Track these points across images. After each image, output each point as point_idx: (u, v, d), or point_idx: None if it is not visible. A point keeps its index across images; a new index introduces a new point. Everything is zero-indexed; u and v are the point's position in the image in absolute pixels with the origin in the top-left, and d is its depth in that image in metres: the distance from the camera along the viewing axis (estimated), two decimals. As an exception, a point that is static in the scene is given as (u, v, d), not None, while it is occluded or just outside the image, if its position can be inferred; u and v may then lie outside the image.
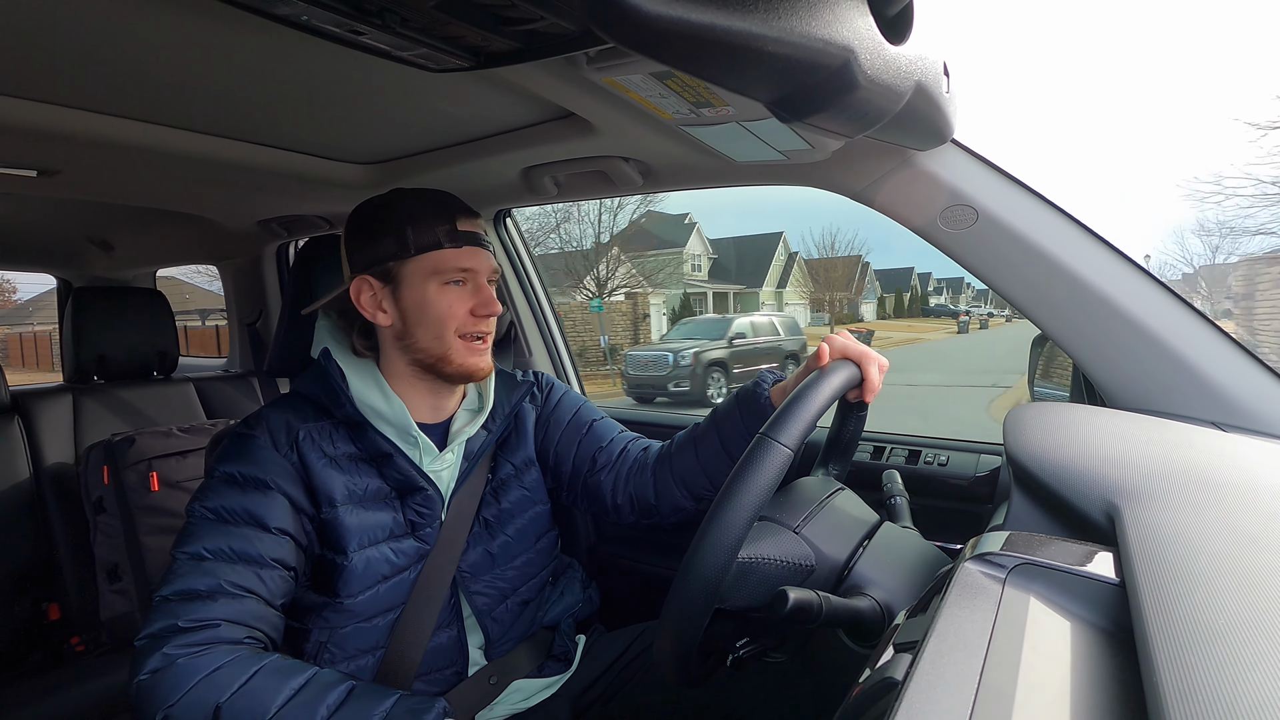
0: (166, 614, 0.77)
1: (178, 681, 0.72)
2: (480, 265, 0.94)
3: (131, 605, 1.61)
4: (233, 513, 0.84)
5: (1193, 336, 0.83)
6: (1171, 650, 0.36)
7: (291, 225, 1.82)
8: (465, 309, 0.93)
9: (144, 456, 1.66)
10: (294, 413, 0.92)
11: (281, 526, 0.85)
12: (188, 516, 0.85)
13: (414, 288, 0.92)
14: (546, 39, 0.70)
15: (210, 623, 0.77)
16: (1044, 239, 0.88)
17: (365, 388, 0.94)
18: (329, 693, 0.73)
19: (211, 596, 0.78)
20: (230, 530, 0.83)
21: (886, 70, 0.53)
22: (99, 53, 0.79)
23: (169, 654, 0.74)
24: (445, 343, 0.92)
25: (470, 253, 0.93)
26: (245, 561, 0.81)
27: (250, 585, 0.81)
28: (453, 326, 0.92)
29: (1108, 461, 0.64)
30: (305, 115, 1.05)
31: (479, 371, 0.96)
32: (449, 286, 0.92)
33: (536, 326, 1.76)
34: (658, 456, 1.06)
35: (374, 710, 0.72)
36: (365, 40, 0.69)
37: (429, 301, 0.91)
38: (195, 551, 0.81)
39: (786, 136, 0.90)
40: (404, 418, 0.94)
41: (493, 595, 1.00)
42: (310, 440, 0.91)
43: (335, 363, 0.94)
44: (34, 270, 2.73)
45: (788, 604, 0.59)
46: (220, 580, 0.79)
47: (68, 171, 1.22)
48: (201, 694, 0.71)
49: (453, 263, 0.91)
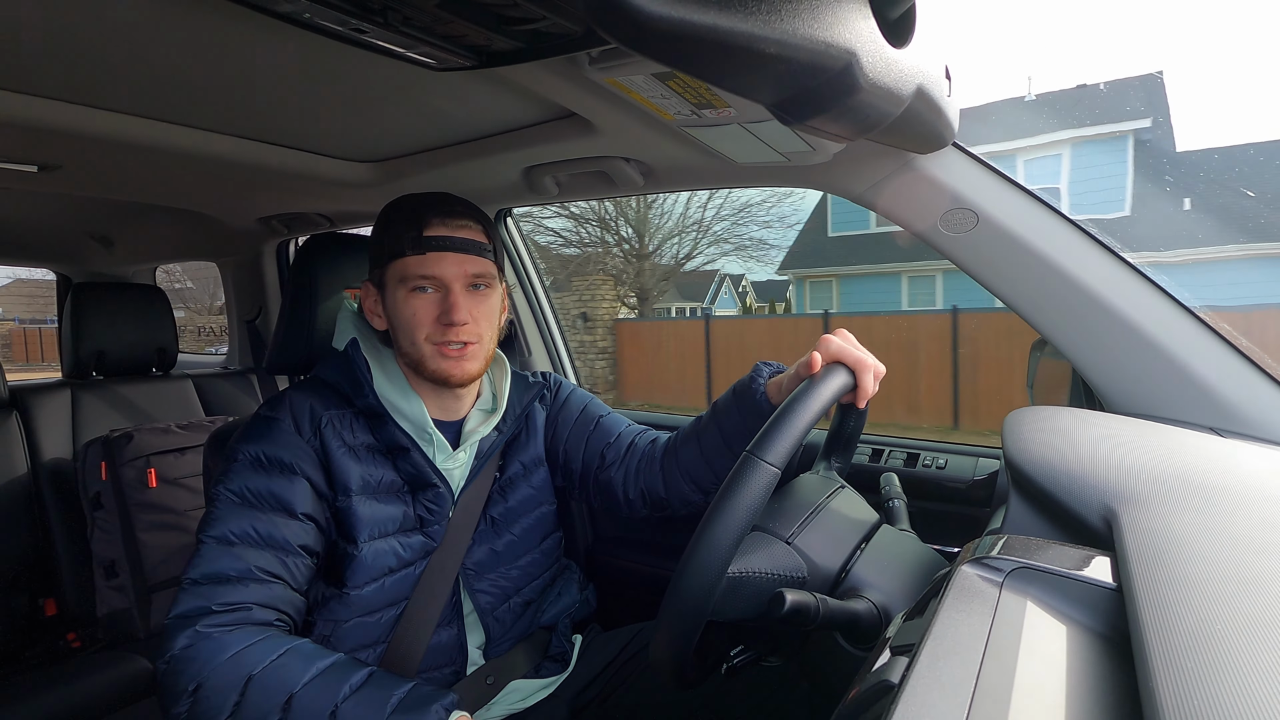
0: (197, 596, 0.78)
1: (213, 654, 0.73)
2: (448, 271, 0.91)
3: (128, 601, 1.61)
4: (258, 495, 0.84)
5: (1192, 342, 0.83)
6: (1168, 655, 0.36)
7: (292, 223, 1.82)
8: (430, 317, 0.92)
9: (142, 453, 1.66)
10: (317, 398, 0.93)
11: (306, 512, 0.86)
12: (213, 500, 0.85)
13: (390, 294, 0.93)
14: (548, 39, 0.70)
15: (242, 605, 0.78)
16: (1044, 243, 0.89)
17: (386, 382, 0.95)
18: (351, 674, 0.75)
19: (242, 581, 0.79)
20: (255, 514, 0.83)
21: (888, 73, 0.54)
22: (101, 48, 0.79)
23: (201, 630, 0.75)
24: (418, 348, 0.92)
25: (436, 259, 0.91)
26: (272, 547, 0.82)
27: (277, 571, 0.82)
28: (421, 334, 0.92)
29: (1106, 466, 0.64)
30: (307, 113, 1.05)
31: (451, 378, 0.94)
32: (415, 294, 0.91)
33: (536, 326, 1.77)
34: (664, 450, 1.06)
35: (394, 692, 0.74)
36: (368, 38, 0.69)
37: (399, 307, 0.92)
38: (222, 534, 0.81)
39: (788, 138, 0.90)
40: (422, 414, 0.95)
41: (495, 594, 1.00)
42: (332, 427, 0.91)
43: (362, 353, 0.95)
44: (34, 265, 2.73)
45: (784, 606, 0.59)
46: (250, 565, 0.80)
47: (68, 167, 1.22)
48: (235, 666, 0.73)
49: (415, 270, 0.91)
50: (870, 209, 1.03)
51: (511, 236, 1.71)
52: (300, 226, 1.85)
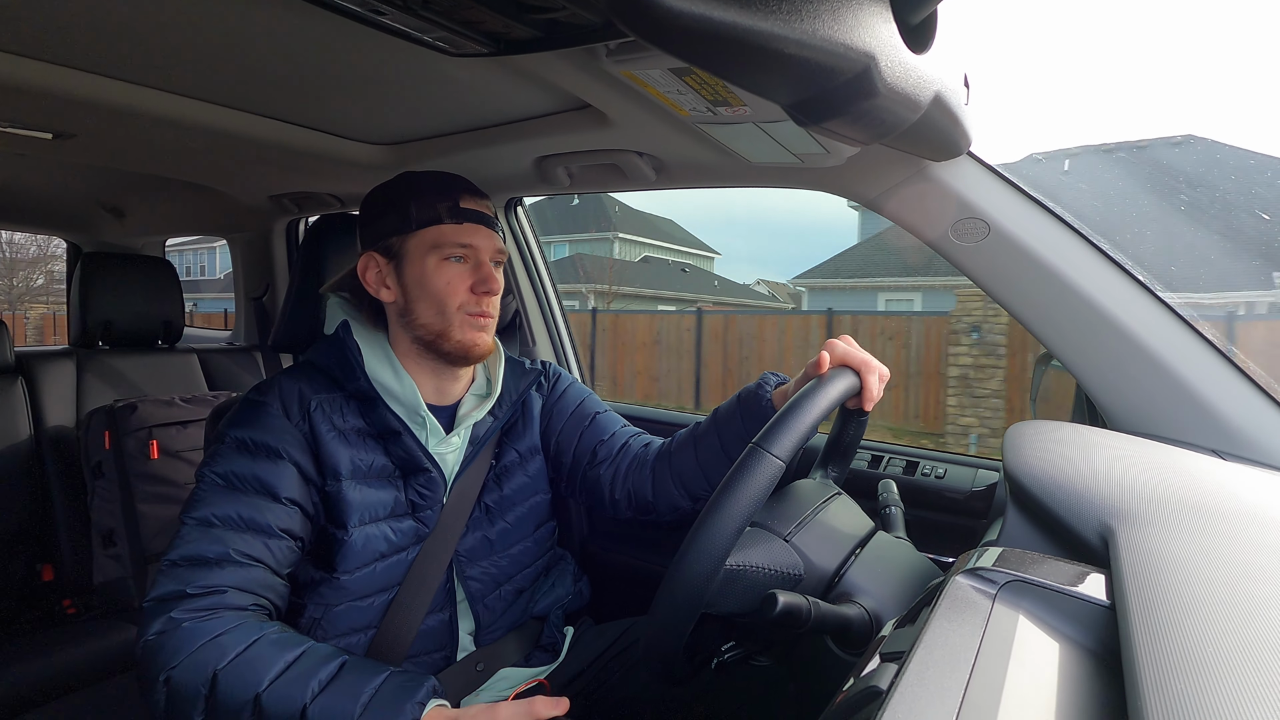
0: (174, 579, 0.77)
1: (181, 644, 0.73)
2: (482, 243, 0.94)
3: (124, 571, 1.62)
4: (243, 479, 0.84)
5: (1199, 363, 0.83)
6: (1158, 676, 0.36)
7: (303, 201, 1.82)
8: (465, 285, 0.93)
9: (145, 424, 1.67)
10: (307, 382, 0.93)
11: (291, 496, 0.86)
12: (197, 481, 0.85)
13: (415, 263, 0.92)
14: (567, 29, 0.70)
15: (217, 589, 0.77)
16: (1055, 257, 0.88)
17: (378, 364, 0.95)
18: (321, 668, 0.73)
19: (219, 564, 0.79)
20: (240, 497, 0.83)
21: (907, 79, 0.53)
22: (119, 19, 0.79)
23: (175, 617, 0.74)
24: (446, 318, 0.92)
25: (471, 229, 0.93)
26: (254, 530, 0.82)
27: (258, 554, 0.81)
28: (454, 303, 0.92)
29: (1105, 483, 0.64)
30: (322, 93, 1.05)
31: (476, 348, 0.95)
32: (449, 263, 0.92)
33: (541, 316, 1.77)
34: (657, 454, 1.06)
35: (364, 687, 0.72)
36: (386, 20, 0.69)
37: (429, 276, 0.92)
38: (204, 517, 0.81)
39: (802, 140, 0.89)
40: (414, 397, 0.94)
41: (486, 581, 1.00)
42: (321, 411, 0.91)
43: (353, 336, 0.95)
44: (44, 233, 2.74)
45: (777, 607, 0.60)
46: (229, 548, 0.80)
47: (83, 136, 1.22)
48: (203, 657, 0.72)
49: (452, 238, 0.92)
50: (880, 214, 1.02)
51: (521, 226, 1.71)
52: (311, 206, 1.85)
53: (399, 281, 0.94)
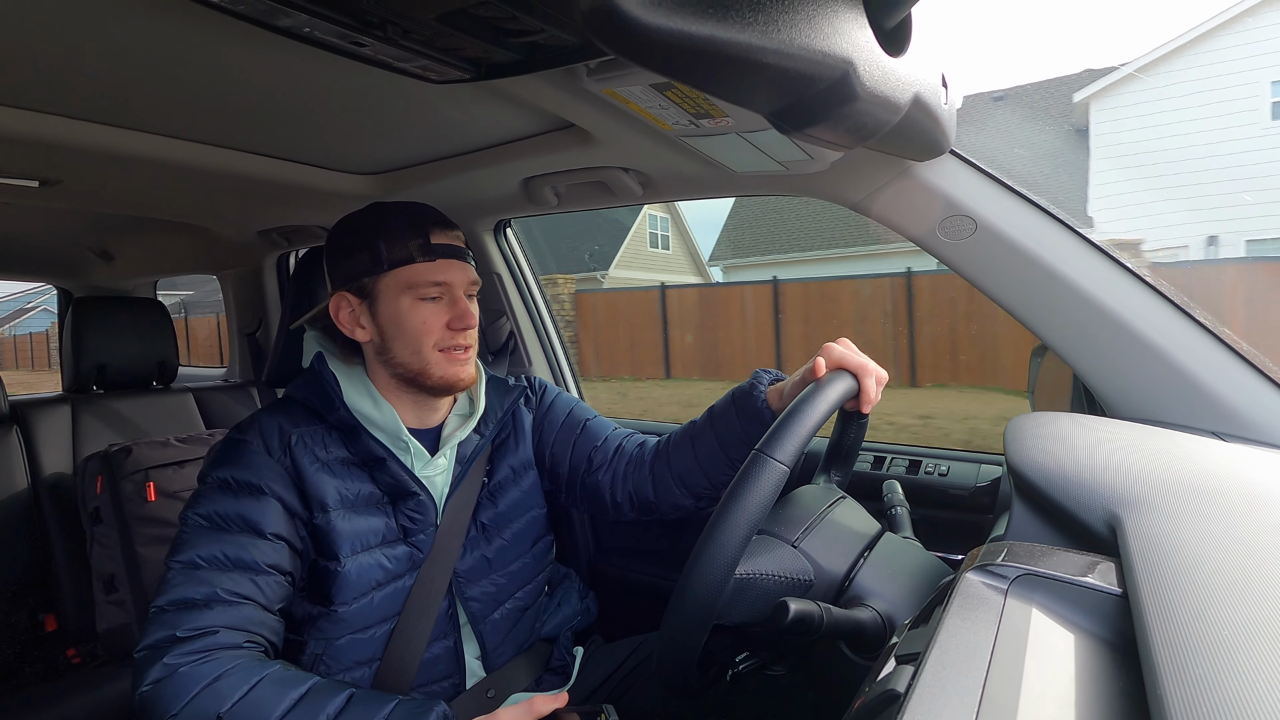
0: (163, 625, 0.77)
1: (180, 690, 0.72)
2: (455, 278, 0.93)
3: (128, 616, 1.60)
4: (226, 519, 0.83)
5: (1193, 346, 0.83)
6: (1175, 661, 0.36)
7: (292, 235, 1.82)
8: (441, 323, 0.92)
9: (141, 466, 1.65)
10: (286, 417, 0.92)
11: (277, 531, 0.85)
12: (181, 524, 0.85)
13: (389, 303, 0.92)
14: (547, 50, 0.70)
15: (208, 630, 0.76)
16: (1043, 249, 0.89)
17: (356, 394, 0.94)
18: (328, 702, 0.73)
19: (208, 605, 0.78)
20: (224, 537, 0.82)
21: (885, 82, 0.54)
22: (101, 64, 0.80)
23: (169, 663, 0.73)
24: (423, 357, 0.92)
25: (445, 265, 0.92)
26: (241, 568, 0.81)
27: (247, 592, 0.80)
28: (430, 342, 0.92)
29: (1109, 472, 0.64)
30: (306, 126, 1.05)
31: (460, 382, 0.95)
32: (423, 302, 0.92)
33: (536, 336, 1.77)
34: (655, 454, 1.05)
35: (374, 716, 0.72)
36: (367, 52, 0.70)
37: (404, 316, 0.91)
38: (189, 560, 0.81)
39: (786, 147, 0.90)
40: (395, 423, 0.94)
41: (487, 601, 1.00)
42: (303, 444, 0.90)
43: (329, 368, 0.95)
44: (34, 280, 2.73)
45: (789, 615, 0.59)
46: (216, 589, 0.79)
47: (69, 181, 1.22)
48: (204, 703, 0.71)
49: (426, 276, 0.91)
50: (867, 216, 1.03)
51: (511, 247, 1.71)
52: (301, 239, 1.86)
53: (373, 321, 0.93)
